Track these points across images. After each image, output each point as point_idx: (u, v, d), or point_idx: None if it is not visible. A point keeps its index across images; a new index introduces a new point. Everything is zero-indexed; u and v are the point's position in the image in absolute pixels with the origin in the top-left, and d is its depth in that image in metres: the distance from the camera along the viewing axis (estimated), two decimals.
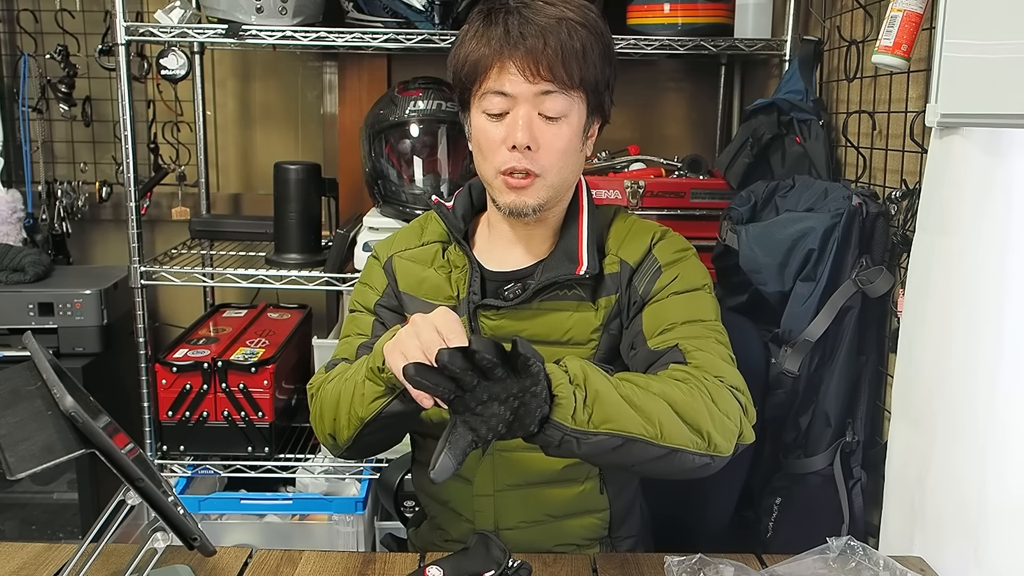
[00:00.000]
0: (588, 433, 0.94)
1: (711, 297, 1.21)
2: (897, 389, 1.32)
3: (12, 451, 0.82)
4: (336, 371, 1.19)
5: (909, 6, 1.32)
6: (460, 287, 1.23)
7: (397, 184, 1.99)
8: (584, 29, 1.12)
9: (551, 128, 1.13)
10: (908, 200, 1.46)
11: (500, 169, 1.14)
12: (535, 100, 1.12)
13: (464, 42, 1.16)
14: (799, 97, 1.82)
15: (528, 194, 1.15)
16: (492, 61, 1.11)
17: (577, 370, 0.96)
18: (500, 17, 1.12)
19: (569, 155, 1.16)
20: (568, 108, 1.13)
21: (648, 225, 1.26)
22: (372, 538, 2.09)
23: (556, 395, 0.92)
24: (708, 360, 1.09)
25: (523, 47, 1.09)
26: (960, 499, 1.16)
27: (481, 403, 0.88)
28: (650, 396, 0.99)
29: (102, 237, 2.58)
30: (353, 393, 1.09)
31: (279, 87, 2.53)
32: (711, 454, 1.01)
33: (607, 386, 0.97)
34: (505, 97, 1.12)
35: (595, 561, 1.14)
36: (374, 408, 1.06)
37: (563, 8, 1.13)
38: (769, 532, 1.63)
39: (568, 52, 1.10)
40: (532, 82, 1.10)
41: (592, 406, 0.94)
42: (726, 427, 1.03)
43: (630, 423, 0.96)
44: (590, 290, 1.21)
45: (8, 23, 2.44)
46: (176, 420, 2.02)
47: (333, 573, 1.10)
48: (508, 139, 1.12)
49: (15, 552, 1.13)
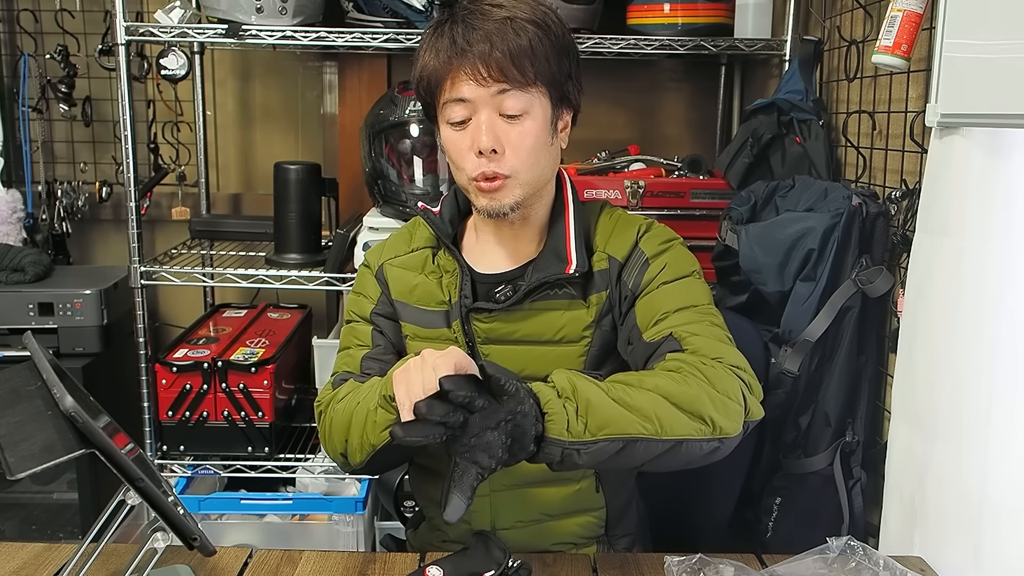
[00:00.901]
0: (587, 443, 0.94)
1: (701, 282, 1.20)
2: (897, 389, 1.32)
3: (12, 451, 0.82)
4: (345, 390, 1.19)
5: (909, 6, 1.32)
6: (451, 291, 1.23)
7: (397, 184, 1.99)
8: (531, 25, 1.11)
9: (515, 127, 1.13)
10: (908, 200, 1.46)
11: (471, 176, 1.14)
12: (493, 102, 1.12)
13: (418, 57, 1.16)
14: (799, 97, 1.82)
15: (502, 195, 1.15)
16: (445, 72, 1.12)
17: (564, 383, 0.96)
18: (446, 28, 1.13)
19: (538, 151, 1.15)
20: (528, 104, 1.13)
21: (633, 219, 1.26)
22: (372, 538, 2.09)
23: (546, 412, 0.93)
24: (704, 343, 1.09)
25: (471, 53, 1.10)
26: (960, 499, 1.16)
27: (474, 436, 0.88)
28: (643, 393, 0.99)
29: (102, 237, 2.58)
30: (365, 420, 1.09)
31: (279, 87, 2.53)
32: (718, 437, 1.00)
33: (597, 392, 0.97)
34: (464, 103, 1.12)
35: (595, 561, 1.14)
36: (386, 436, 1.07)
37: (510, 8, 1.13)
38: (769, 532, 1.62)
39: (516, 50, 1.10)
40: (485, 85, 1.10)
41: (586, 415, 0.94)
42: (728, 408, 1.02)
43: (627, 424, 0.96)
44: (580, 288, 1.21)
45: (8, 23, 2.44)
46: (176, 420, 2.02)
47: (333, 573, 1.10)
48: (474, 145, 1.12)
49: (15, 552, 1.13)
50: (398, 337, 1.28)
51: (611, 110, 2.46)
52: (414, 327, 1.25)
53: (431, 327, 1.24)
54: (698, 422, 0.99)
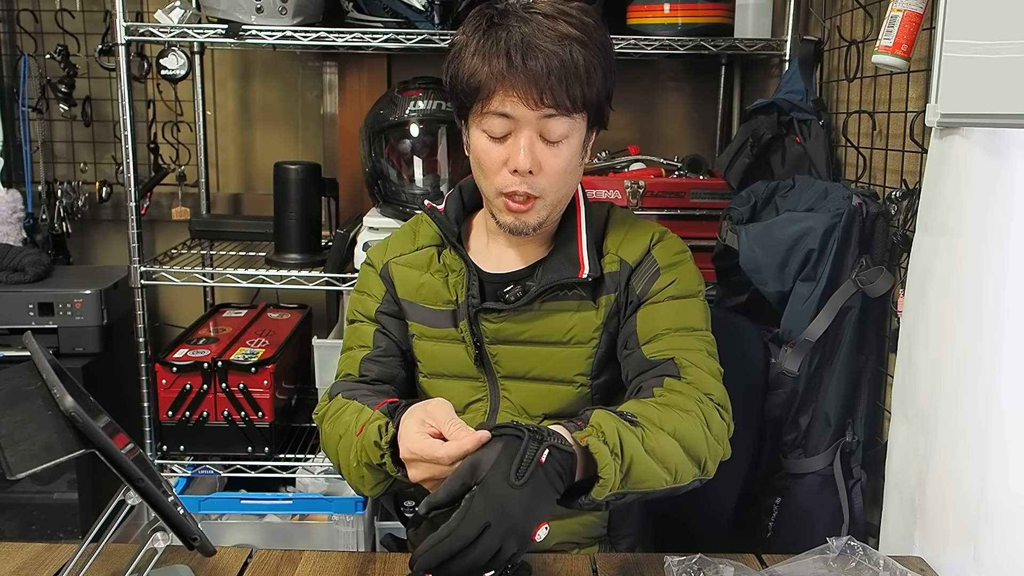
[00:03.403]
0: (617, 494, 0.96)
1: (703, 304, 1.22)
2: (897, 389, 1.32)
3: (12, 451, 0.82)
4: (334, 407, 1.18)
5: (909, 6, 1.32)
6: (458, 291, 1.23)
7: (397, 184, 1.99)
8: (586, 49, 1.09)
9: (552, 150, 1.12)
10: (908, 200, 1.46)
11: (501, 191, 1.14)
12: (537, 124, 1.10)
13: (463, 56, 1.12)
14: (799, 97, 1.82)
15: (529, 216, 1.15)
16: (495, 85, 1.09)
17: (613, 435, 0.94)
18: (501, 34, 1.09)
19: (569, 173, 1.15)
20: (570, 130, 1.12)
21: (646, 225, 1.27)
22: (372, 538, 2.09)
23: (602, 477, 0.92)
24: (700, 377, 1.12)
25: (525, 73, 1.07)
26: (960, 499, 1.16)
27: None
28: (668, 441, 1.01)
29: (102, 237, 2.58)
30: (351, 470, 1.10)
31: (279, 87, 2.53)
32: (701, 478, 1.06)
33: (638, 446, 0.96)
34: (507, 119, 1.10)
35: (595, 561, 1.14)
36: (379, 491, 1.10)
37: (564, 23, 1.09)
38: (769, 532, 1.62)
39: (571, 76, 1.08)
40: (535, 108, 1.09)
41: (626, 472, 0.95)
42: (716, 452, 1.08)
43: (656, 480, 0.99)
44: (590, 289, 1.21)
45: (8, 23, 2.43)
46: (176, 420, 2.02)
47: (333, 573, 1.10)
48: (510, 163, 1.11)
49: (15, 552, 1.13)
50: (404, 336, 1.27)
51: (611, 110, 2.46)
52: (421, 326, 1.25)
53: (438, 326, 1.24)
54: (695, 466, 1.04)
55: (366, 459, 1.05)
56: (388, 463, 1.02)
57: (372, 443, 1.02)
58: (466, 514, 0.84)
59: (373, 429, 1.03)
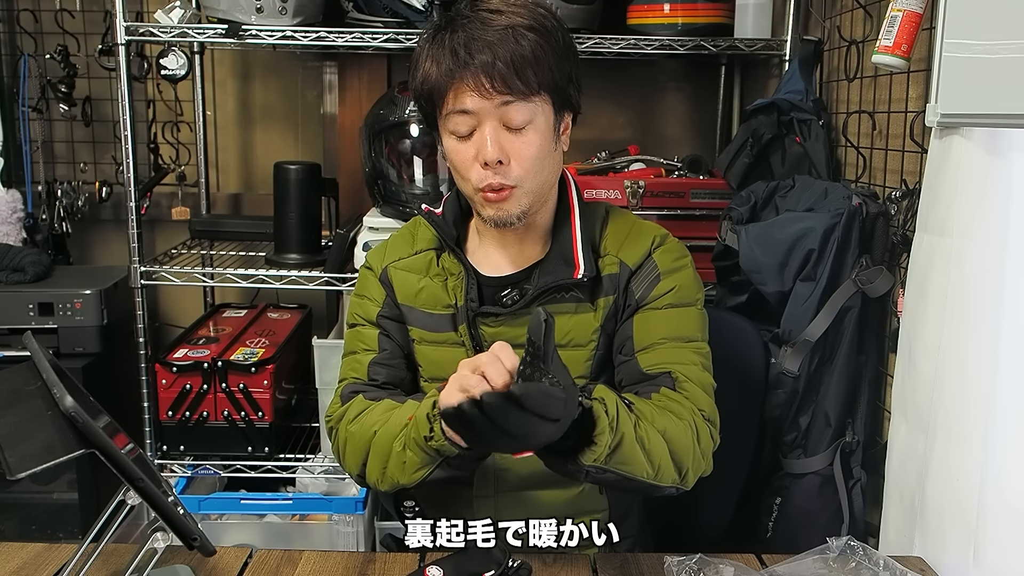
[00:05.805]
0: (600, 468, 0.98)
1: (701, 313, 1.23)
2: (897, 389, 1.32)
3: (12, 451, 0.82)
4: (356, 408, 1.20)
5: (909, 6, 1.32)
6: (457, 295, 1.22)
7: (397, 184, 1.99)
8: (533, 32, 1.10)
9: (519, 138, 1.12)
10: (908, 200, 1.46)
11: (477, 187, 1.14)
12: (497, 112, 1.11)
13: (418, 65, 1.15)
14: (799, 97, 1.82)
15: (508, 205, 1.15)
16: (447, 84, 1.11)
17: (613, 408, 0.99)
18: (446, 37, 1.11)
19: (542, 159, 1.15)
20: (532, 114, 1.12)
21: (648, 227, 1.26)
22: (372, 538, 2.09)
23: (596, 443, 0.96)
24: (695, 392, 1.14)
25: (473, 65, 1.08)
26: (959, 499, 1.16)
27: None
28: (656, 436, 1.04)
29: (102, 237, 2.58)
30: (389, 456, 1.11)
31: (279, 87, 2.53)
32: (679, 487, 1.09)
33: (630, 429, 1.01)
34: (468, 115, 1.11)
35: (595, 561, 1.13)
36: (418, 477, 1.10)
37: (510, 15, 1.11)
38: (769, 532, 1.62)
39: (519, 61, 1.09)
40: (489, 97, 1.09)
41: (615, 449, 0.98)
42: (699, 466, 1.11)
43: (639, 468, 1.02)
44: (588, 291, 1.21)
45: (8, 23, 2.43)
46: (176, 420, 2.02)
47: (333, 573, 1.10)
48: (479, 157, 1.12)
49: (15, 552, 1.13)
50: (405, 340, 1.27)
51: (611, 110, 2.46)
52: (421, 331, 1.25)
53: (438, 330, 1.24)
54: (676, 472, 1.07)
55: (415, 434, 1.06)
56: (437, 430, 1.04)
57: (424, 416, 1.05)
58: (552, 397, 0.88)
59: (428, 403, 1.07)
